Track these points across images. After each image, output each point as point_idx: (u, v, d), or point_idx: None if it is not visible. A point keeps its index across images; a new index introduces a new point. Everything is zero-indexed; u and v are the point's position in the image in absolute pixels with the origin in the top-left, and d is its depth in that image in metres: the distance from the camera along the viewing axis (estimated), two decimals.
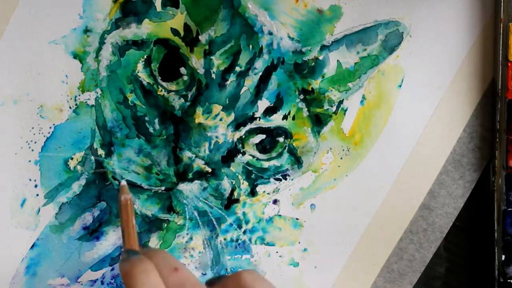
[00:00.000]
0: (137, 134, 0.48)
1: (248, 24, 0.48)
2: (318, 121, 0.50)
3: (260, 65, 0.48)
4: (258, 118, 0.49)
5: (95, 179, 0.49)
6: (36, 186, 0.48)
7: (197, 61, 0.47)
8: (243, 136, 0.49)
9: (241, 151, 0.49)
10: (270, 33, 0.48)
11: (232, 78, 0.48)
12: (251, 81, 0.48)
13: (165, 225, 0.50)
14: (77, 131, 0.48)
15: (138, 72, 0.48)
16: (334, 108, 0.50)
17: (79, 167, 0.49)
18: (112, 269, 0.50)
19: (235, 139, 0.49)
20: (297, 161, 0.50)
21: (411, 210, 0.51)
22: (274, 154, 0.50)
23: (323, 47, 0.49)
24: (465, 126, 0.51)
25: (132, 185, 0.49)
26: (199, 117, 0.48)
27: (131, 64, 0.48)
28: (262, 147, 0.49)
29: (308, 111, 0.50)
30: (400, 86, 0.50)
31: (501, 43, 0.49)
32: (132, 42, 0.47)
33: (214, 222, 0.50)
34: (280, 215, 0.51)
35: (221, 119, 0.48)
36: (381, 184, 0.51)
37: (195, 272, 0.51)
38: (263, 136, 0.49)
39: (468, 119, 0.51)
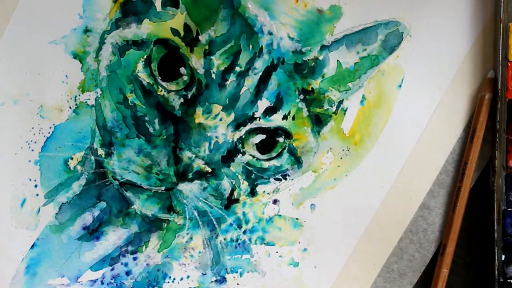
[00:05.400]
0: (137, 134, 0.48)
1: (248, 24, 0.48)
2: (318, 121, 0.50)
3: (260, 65, 0.48)
4: (258, 118, 0.49)
5: (95, 179, 0.49)
6: (36, 186, 0.48)
7: (197, 61, 0.47)
8: (243, 136, 0.49)
9: (241, 151, 0.49)
10: (270, 33, 0.48)
11: (232, 78, 0.48)
12: (251, 81, 0.48)
13: (165, 225, 0.50)
14: (77, 131, 0.48)
15: (138, 72, 0.48)
16: (334, 108, 0.50)
17: (79, 167, 0.49)
18: (112, 269, 0.50)
19: (235, 139, 0.49)
20: (297, 161, 0.50)
21: (411, 210, 0.51)
22: (274, 154, 0.50)
23: (323, 47, 0.49)
24: (465, 126, 0.51)
25: (132, 185, 0.49)
26: (199, 117, 0.48)
27: (131, 64, 0.48)
28: (262, 147, 0.49)
29: (308, 111, 0.50)
30: (400, 86, 0.50)
31: (501, 43, 0.49)
32: (132, 42, 0.47)
33: (214, 222, 0.50)
34: (280, 215, 0.51)
35: (221, 119, 0.48)
36: (381, 184, 0.51)
37: (195, 272, 0.51)
38: (263, 136, 0.49)
39: (468, 119, 0.51)
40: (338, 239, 0.51)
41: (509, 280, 0.50)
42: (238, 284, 0.52)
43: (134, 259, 0.50)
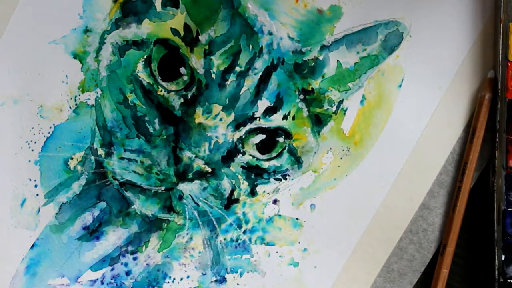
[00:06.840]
0: (137, 134, 0.48)
1: (248, 24, 0.48)
2: (318, 121, 0.50)
3: (260, 65, 0.48)
4: (258, 118, 0.49)
5: (95, 179, 0.49)
6: (36, 186, 0.48)
7: (197, 61, 0.47)
8: (243, 136, 0.49)
9: (241, 151, 0.49)
10: (270, 33, 0.48)
11: (232, 78, 0.48)
12: (251, 81, 0.48)
13: (165, 225, 0.50)
14: (77, 131, 0.48)
15: (138, 72, 0.48)
16: (334, 108, 0.50)
17: (79, 167, 0.49)
18: (112, 269, 0.50)
19: (235, 139, 0.49)
20: (297, 161, 0.50)
21: (411, 210, 0.51)
22: (274, 154, 0.50)
23: (323, 47, 0.49)
24: (465, 126, 0.51)
25: (132, 185, 0.49)
26: (199, 117, 0.48)
27: (131, 64, 0.48)
28: (262, 147, 0.49)
29: (308, 111, 0.50)
30: (400, 86, 0.50)
31: (501, 43, 0.49)
32: (132, 42, 0.47)
33: (214, 222, 0.50)
34: (280, 215, 0.51)
35: (221, 119, 0.48)
36: (381, 184, 0.51)
37: (195, 272, 0.51)
38: (263, 136, 0.49)
39: (468, 119, 0.51)
40: (338, 239, 0.51)
41: (509, 280, 0.50)
42: (238, 284, 0.52)
43: (134, 259, 0.50)
